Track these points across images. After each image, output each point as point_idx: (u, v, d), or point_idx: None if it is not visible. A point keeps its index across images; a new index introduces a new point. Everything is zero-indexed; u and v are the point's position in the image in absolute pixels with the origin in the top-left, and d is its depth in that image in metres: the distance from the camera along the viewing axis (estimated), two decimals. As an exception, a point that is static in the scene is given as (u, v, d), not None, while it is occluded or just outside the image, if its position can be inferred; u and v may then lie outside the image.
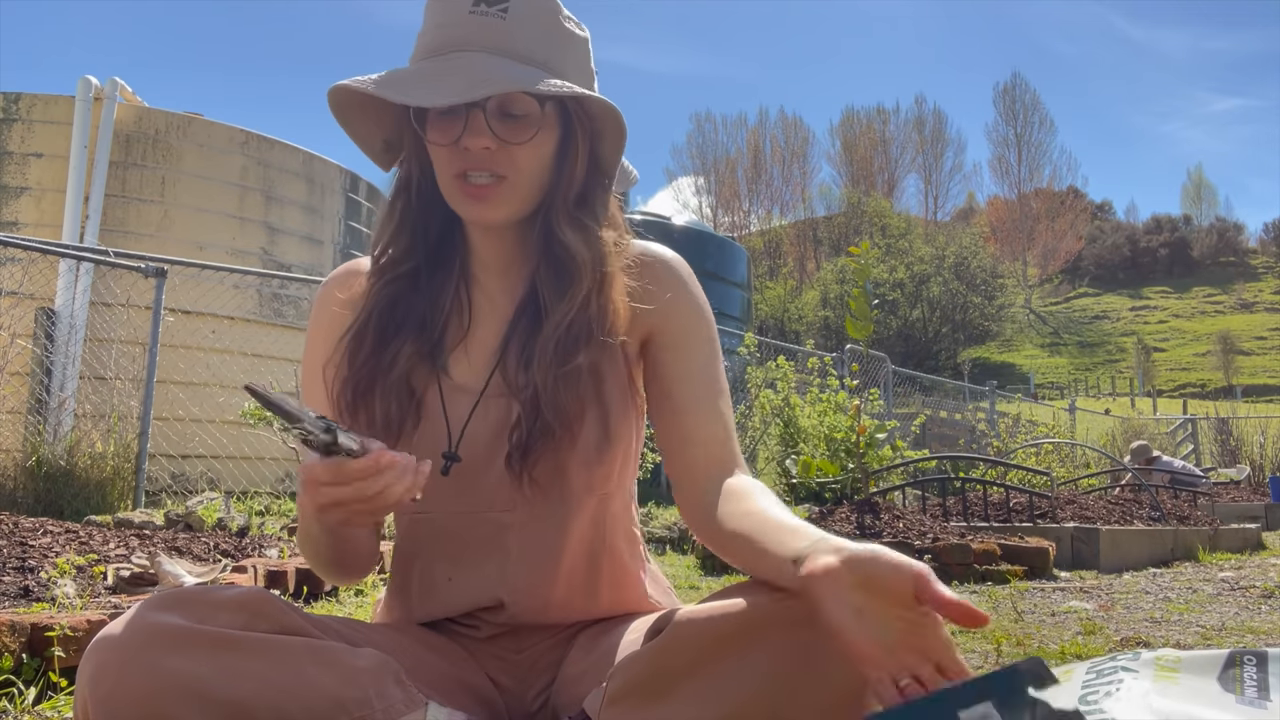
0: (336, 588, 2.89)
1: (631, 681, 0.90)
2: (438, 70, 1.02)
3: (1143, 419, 17.66)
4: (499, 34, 1.04)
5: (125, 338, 6.51)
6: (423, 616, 1.16)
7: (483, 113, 1.04)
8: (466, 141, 1.04)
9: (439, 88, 1.00)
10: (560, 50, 1.08)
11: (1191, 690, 1.00)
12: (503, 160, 1.06)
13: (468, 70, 1.01)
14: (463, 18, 1.04)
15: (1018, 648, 2.39)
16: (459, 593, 1.14)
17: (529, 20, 1.06)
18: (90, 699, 0.83)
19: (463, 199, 1.08)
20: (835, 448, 7.32)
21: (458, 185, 1.08)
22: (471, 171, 1.06)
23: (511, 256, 1.18)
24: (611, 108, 1.08)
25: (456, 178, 1.07)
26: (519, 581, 1.13)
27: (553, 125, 1.09)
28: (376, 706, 0.90)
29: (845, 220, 63.60)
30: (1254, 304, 68.31)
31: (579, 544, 1.14)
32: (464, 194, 1.08)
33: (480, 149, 1.05)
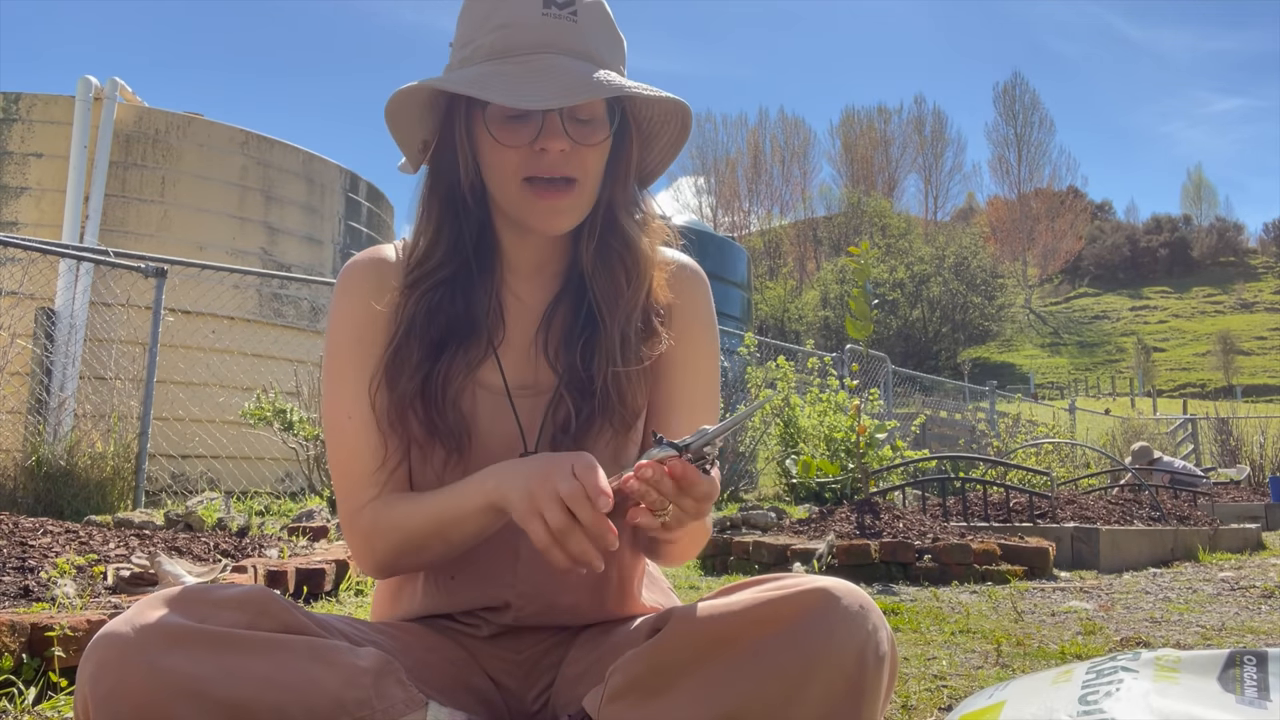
0: (336, 588, 2.89)
1: (630, 679, 0.90)
2: (526, 72, 1.02)
3: (1143, 419, 17.66)
4: (574, 36, 1.04)
5: (125, 338, 6.51)
6: (424, 611, 1.16)
7: (559, 116, 1.04)
8: (544, 143, 1.04)
9: (547, 88, 0.99)
10: (617, 52, 1.10)
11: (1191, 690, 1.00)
12: (575, 163, 1.06)
13: (560, 74, 1.01)
14: (535, 20, 1.04)
15: (1017, 647, 2.39)
16: (464, 591, 1.14)
17: (596, 22, 1.07)
18: (91, 697, 0.83)
19: (533, 203, 1.07)
20: (835, 448, 7.32)
21: (527, 189, 1.06)
22: (543, 175, 1.05)
23: (544, 259, 1.18)
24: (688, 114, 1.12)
25: (526, 181, 1.06)
26: (527, 584, 1.13)
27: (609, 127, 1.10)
28: (377, 706, 0.90)
29: (845, 220, 63.61)
30: (1254, 304, 68.31)
31: None
32: (536, 197, 1.07)
33: (558, 151, 1.04)
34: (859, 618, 0.88)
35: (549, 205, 1.06)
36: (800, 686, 0.85)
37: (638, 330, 1.14)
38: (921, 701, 1.83)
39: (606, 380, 1.11)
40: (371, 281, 1.15)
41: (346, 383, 1.13)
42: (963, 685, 1.96)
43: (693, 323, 1.20)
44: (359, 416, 1.12)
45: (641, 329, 1.15)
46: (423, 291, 1.12)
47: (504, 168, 1.07)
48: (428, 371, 1.10)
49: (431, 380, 1.10)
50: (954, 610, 3.02)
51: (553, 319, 1.17)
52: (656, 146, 1.17)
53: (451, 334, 1.12)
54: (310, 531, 3.77)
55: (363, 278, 1.16)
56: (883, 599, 3.26)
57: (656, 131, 1.15)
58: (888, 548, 3.83)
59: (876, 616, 0.89)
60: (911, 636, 2.54)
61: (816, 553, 3.71)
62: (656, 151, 1.17)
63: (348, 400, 1.12)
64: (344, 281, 1.17)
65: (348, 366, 1.13)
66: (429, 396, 1.10)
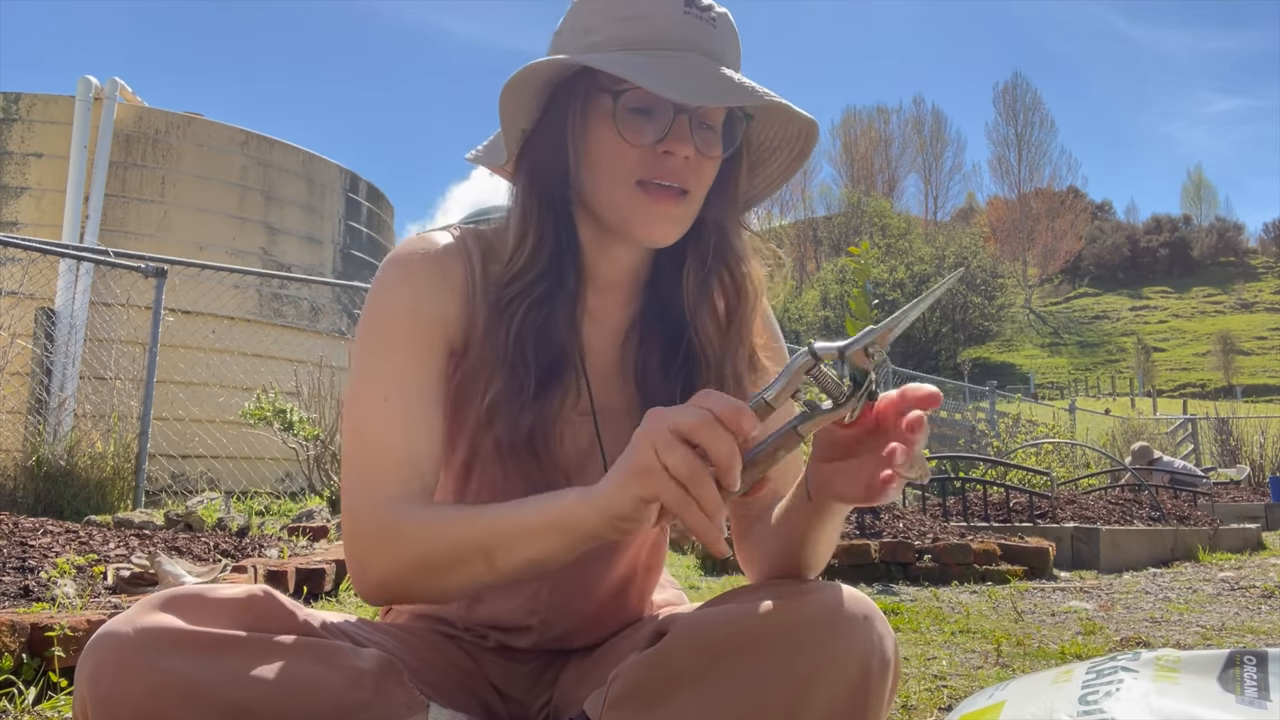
0: (336, 588, 2.89)
1: (632, 686, 0.90)
2: (677, 67, 0.96)
3: (1143, 419, 17.66)
4: (714, 41, 1.00)
5: (125, 338, 6.51)
6: (433, 614, 1.16)
7: (689, 119, 0.98)
8: (671, 145, 0.97)
9: (700, 85, 0.95)
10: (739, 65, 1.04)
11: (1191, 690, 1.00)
12: (694, 172, 1.00)
13: (715, 73, 0.97)
14: (678, 17, 0.98)
15: (1018, 647, 2.39)
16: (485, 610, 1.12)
17: (730, 34, 1.03)
18: (90, 698, 0.82)
19: (644, 207, 1.00)
20: (835, 448, 7.32)
21: (640, 192, 0.99)
22: (660, 180, 0.99)
23: (625, 277, 1.11)
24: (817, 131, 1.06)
25: (639, 184, 0.99)
26: (552, 610, 1.12)
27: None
28: (378, 708, 0.89)
29: (845, 220, 63.62)
30: (1254, 304, 68.31)
31: (618, 571, 1.14)
32: (649, 201, 0.99)
33: (682, 156, 0.98)
34: (864, 625, 0.87)
35: (662, 211, 0.99)
36: (805, 695, 0.85)
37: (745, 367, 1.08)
38: (921, 701, 1.83)
39: None
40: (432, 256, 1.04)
41: (392, 362, 0.99)
42: (963, 685, 1.96)
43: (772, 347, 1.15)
44: (399, 400, 0.98)
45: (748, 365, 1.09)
46: (526, 309, 1.02)
47: (618, 167, 0.99)
48: (539, 412, 1.01)
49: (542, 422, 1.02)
50: (954, 610, 3.02)
51: (640, 342, 1.10)
52: (761, 174, 1.11)
53: (556, 367, 1.04)
54: (310, 531, 3.77)
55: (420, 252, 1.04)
56: (883, 599, 3.26)
57: (765, 158, 1.10)
58: (888, 548, 3.83)
59: (880, 623, 0.89)
60: (911, 636, 2.54)
61: (816, 553, 3.71)
62: (761, 179, 1.12)
63: (388, 380, 0.99)
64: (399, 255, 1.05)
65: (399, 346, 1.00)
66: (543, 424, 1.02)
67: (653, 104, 0.98)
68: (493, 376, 1.01)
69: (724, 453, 0.76)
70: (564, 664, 1.15)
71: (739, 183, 1.07)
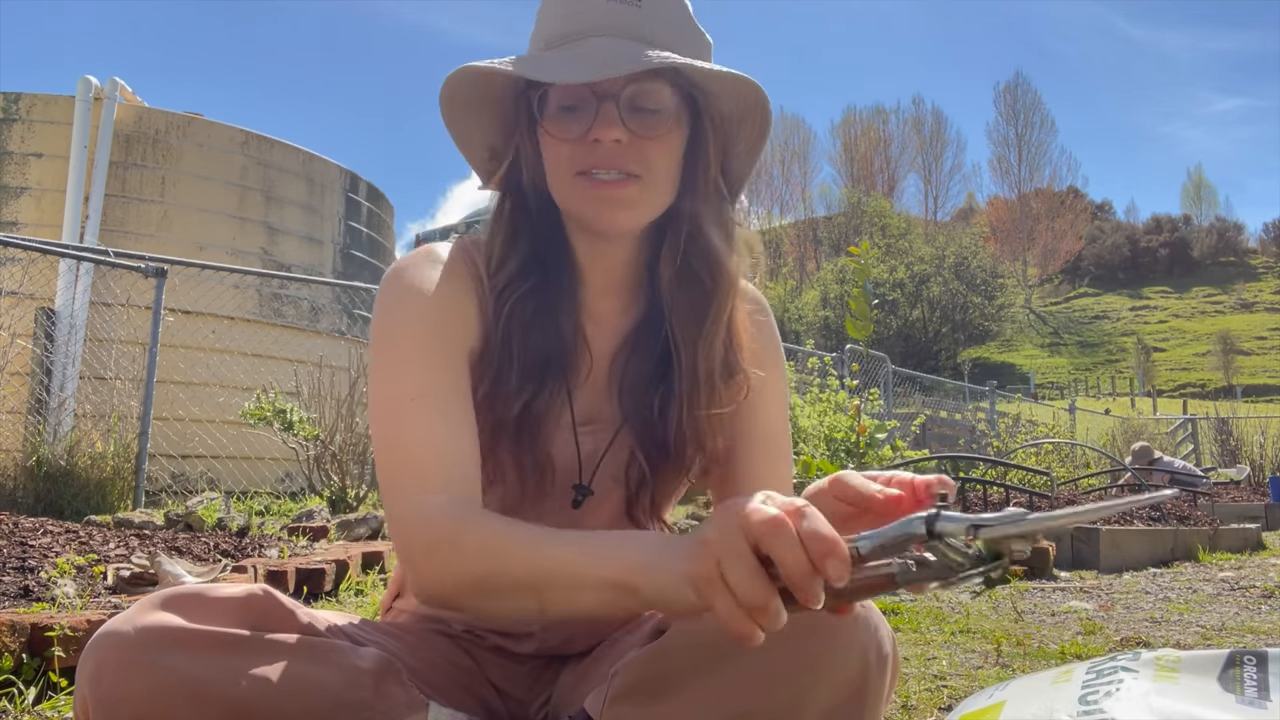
0: (336, 588, 2.89)
1: (633, 682, 0.90)
2: (574, 54, 0.96)
3: (1143, 419, 17.66)
4: (634, 21, 0.98)
5: (125, 338, 6.51)
6: (433, 614, 1.16)
7: (615, 104, 0.96)
8: (597, 132, 0.96)
9: (580, 66, 0.93)
10: (693, 43, 1.01)
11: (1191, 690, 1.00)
12: (634, 156, 0.97)
13: (607, 50, 0.95)
14: (598, 5, 0.98)
15: (1017, 647, 2.39)
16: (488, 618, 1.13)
17: (664, 9, 1.00)
18: (90, 698, 0.82)
19: (589, 198, 0.98)
20: (835, 448, 7.31)
21: (583, 184, 0.98)
22: (599, 169, 0.97)
23: (621, 278, 1.09)
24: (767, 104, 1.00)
25: (580, 175, 0.98)
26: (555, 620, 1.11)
27: (682, 125, 1.01)
28: (378, 707, 0.89)
29: (845, 220, 63.61)
30: (1254, 304, 68.30)
31: None
32: (591, 191, 0.98)
33: (611, 141, 0.96)
34: (862, 621, 0.87)
35: (607, 195, 0.97)
36: (805, 690, 0.85)
37: (719, 368, 1.04)
38: (921, 701, 1.83)
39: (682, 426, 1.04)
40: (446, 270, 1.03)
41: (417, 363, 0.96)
42: (963, 685, 1.96)
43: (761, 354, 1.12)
44: (432, 399, 0.94)
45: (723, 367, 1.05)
46: (514, 301, 1.03)
47: (559, 162, 0.99)
48: (529, 400, 1.01)
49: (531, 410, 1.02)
50: (954, 610, 3.02)
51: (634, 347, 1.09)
52: (736, 151, 1.06)
53: (549, 359, 1.04)
54: (310, 531, 3.77)
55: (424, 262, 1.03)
56: (882, 599, 3.26)
57: (735, 133, 1.05)
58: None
59: (879, 619, 0.89)
60: (911, 636, 2.54)
61: (816, 553, 3.71)
62: (737, 157, 1.07)
63: (416, 381, 0.95)
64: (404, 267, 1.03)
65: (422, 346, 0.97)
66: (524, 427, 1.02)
67: (576, 97, 0.98)
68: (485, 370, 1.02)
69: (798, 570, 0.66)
70: (563, 663, 1.15)
71: (708, 163, 1.03)
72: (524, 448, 1.03)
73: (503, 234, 1.05)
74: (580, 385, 1.08)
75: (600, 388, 1.09)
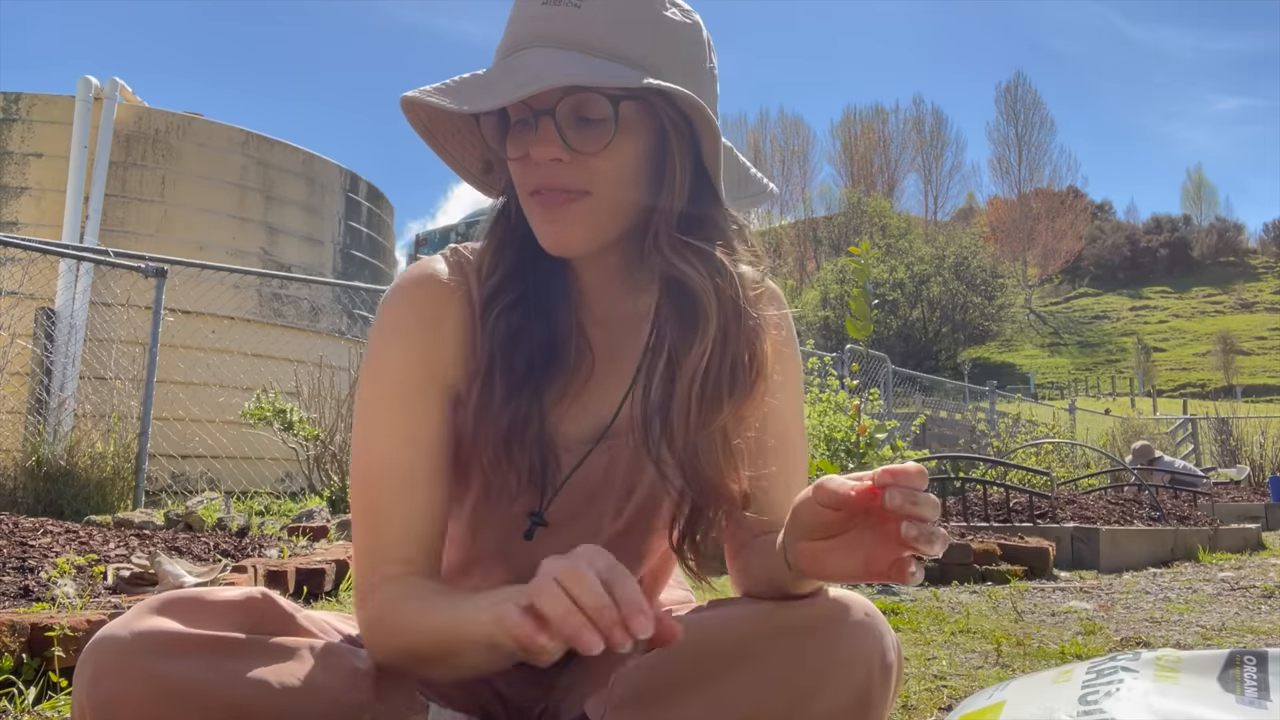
0: (336, 588, 2.89)
1: (636, 689, 0.89)
2: (499, 73, 0.91)
3: (1143, 419, 17.67)
4: (571, 26, 0.90)
5: (125, 338, 6.51)
6: None
7: (552, 119, 0.90)
8: (533, 151, 0.91)
9: (489, 91, 0.89)
10: (651, 42, 0.92)
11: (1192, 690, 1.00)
12: (578, 174, 0.91)
13: (525, 69, 0.88)
14: (536, 11, 0.92)
15: (1018, 647, 2.39)
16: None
17: (609, 8, 0.91)
18: (88, 703, 0.82)
19: (538, 219, 0.94)
20: (835, 448, 7.31)
21: (534, 204, 0.94)
22: (544, 188, 0.92)
23: (620, 286, 1.03)
24: (695, 103, 0.90)
25: (531, 195, 0.94)
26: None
27: (639, 132, 0.93)
28: (378, 709, 0.89)
29: (845, 220, 63.60)
30: (1254, 304, 68.29)
31: None
32: (540, 213, 0.94)
33: (548, 160, 0.91)
34: (867, 628, 0.87)
35: (551, 217, 0.93)
36: (809, 698, 0.85)
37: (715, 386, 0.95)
38: (921, 701, 1.83)
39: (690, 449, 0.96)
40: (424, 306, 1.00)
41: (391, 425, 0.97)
42: (963, 685, 1.96)
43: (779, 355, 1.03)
44: (401, 467, 0.96)
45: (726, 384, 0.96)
46: (499, 312, 0.99)
47: (517, 181, 0.95)
48: (515, 408, 0.97)
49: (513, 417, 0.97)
50: (954, 610, 3.02)
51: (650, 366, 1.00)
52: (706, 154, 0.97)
53: (537, 364, 0.99)
54: (310, 531, 3.77)
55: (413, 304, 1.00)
56: (883, 599, 3.26)
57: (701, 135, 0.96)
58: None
59: (883, 625, 0.89)
60: (911, 636, 2.54)
61: (816, 553, 3.71)
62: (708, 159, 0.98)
63: (388, 445, 0.96)
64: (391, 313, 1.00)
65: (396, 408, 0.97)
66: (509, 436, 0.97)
67: (520, 114, 0.93)
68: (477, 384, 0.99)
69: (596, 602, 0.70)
70: (563, 663, 1.14)
71: (675, 169, 0.94)
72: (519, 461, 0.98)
73: (491, 246, 1.02)
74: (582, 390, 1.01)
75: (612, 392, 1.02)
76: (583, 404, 1.02)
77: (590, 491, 1.03)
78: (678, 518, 1.01)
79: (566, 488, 1.01)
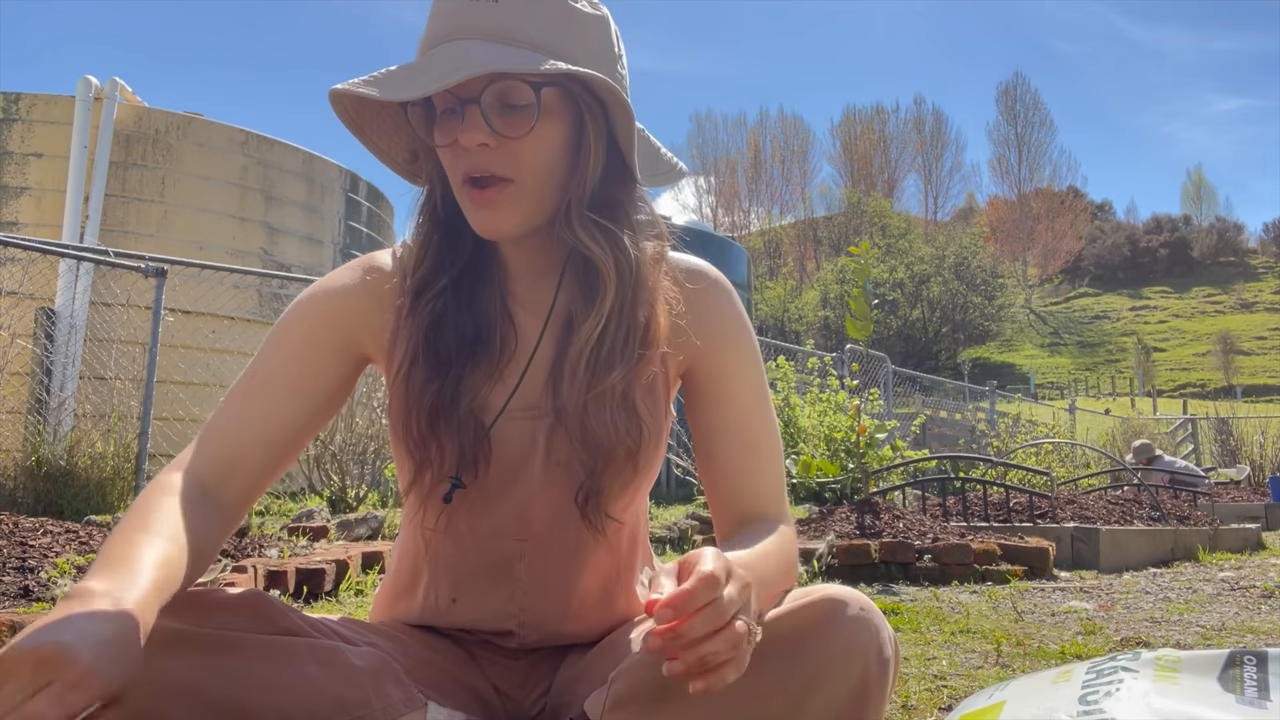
0: (336, 588, 2.89)
1: (633, 688, 0.90)
2: (424, 64, 0.95)
3: (1143, 419, 17.66)
4: (491, 18, 0.94)
5: (125, 338, 6.51)
6: (421, 622, 1.15)
7: (478, 106, 0.94)
8: (461, 138, 0.95)
9: (418, 80, 0.92)
10: (565, 32, 0.97)
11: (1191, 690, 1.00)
12: (504, 159, 0.96)
13: (449, 59, 0.92)
14: (458, 5, 0.96)
15: (1018, 647, 2.39)
16: (465, 616, 1.11)
17: (523, 2, 0.96)
18: (89, 700, 0.82)
19: (469, 206, 0.99)
20: (835, 448, 7.32)
21: (464, 192, 0.99)
22: (473, 173, 0.97)
23: (541, 264, 1.08)
24: (611, 87, 0.95)
25: (463, 183, 0.98)
26: (530, 614, 1.09)
27: (559, 117, 0.98)
28: (376, 706, 0.89)
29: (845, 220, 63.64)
30: (1254, 304, 68.30)
31: (594, 572, 1.11)
32: (471, 200, 0.99)
33: (476, 146, 0.95)
34: (864, 625, 0.88)
35: (481, 201, 0.98)
36: (805, 694, 0.85)
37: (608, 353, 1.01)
38: (921, 701, 1.83)
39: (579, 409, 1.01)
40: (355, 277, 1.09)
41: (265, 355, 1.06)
42: (963, 685, 1.96)
43: (719, 335, 1.09)
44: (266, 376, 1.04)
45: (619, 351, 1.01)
46: (425, 301, 1.04)
47: (448, 168, 1.00)
48: (436, 389, 1.02)
49: (438, 397, 1.02)
50: (954, 610, 3.02)
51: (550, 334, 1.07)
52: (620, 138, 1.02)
53: (460, 348, 1.04)
54: (310, 531, 3.77)
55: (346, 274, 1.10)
56: (883, 599, 3.26)
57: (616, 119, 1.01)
58: (888, 548, 3.83)
59: (880, 622, 0.89)
60: (911, 636, 2.54)
61: (816, 553, 3.71)
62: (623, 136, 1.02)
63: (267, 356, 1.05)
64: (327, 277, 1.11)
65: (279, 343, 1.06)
66: (435, 415, 1.02)
67: (447, 102, 0.97)
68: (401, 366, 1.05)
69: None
70: (560, 659, 1.15)
71: (589, 155, 1.00)
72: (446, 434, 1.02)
73: (419, 238, 1.07)
74: (507, 367, 1.06)
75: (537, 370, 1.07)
76: (506, 382, 1.06)
77: (517, 460, 1.05)
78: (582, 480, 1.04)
79: (496, 459, 1.05)
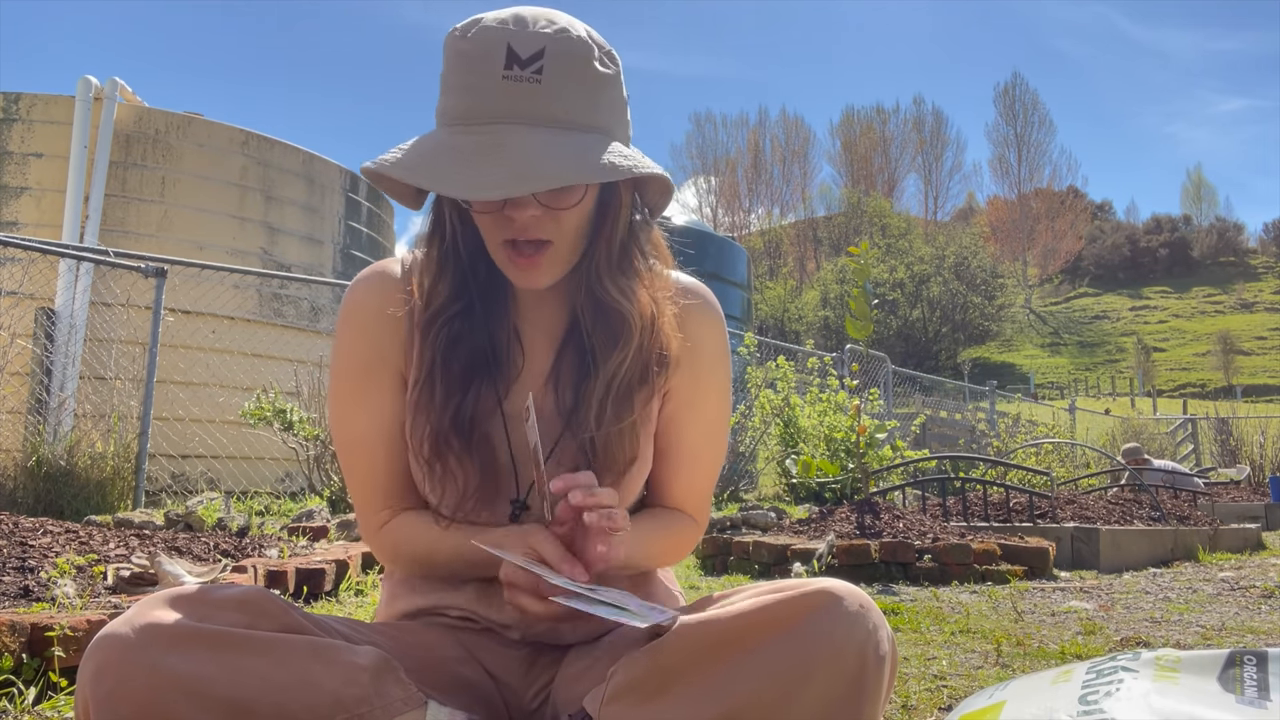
0: (336, 588, 2.89)
1: (631, 680, 0.91)
2: (477, 149, 0.97)
3: (1143, 419, 17.66)
4: (535, 101, 0.98)
5: (125, 338, 6.51)
6: (426, 606, 1.18)
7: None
8: (512, 212, 1.03)
9: (482, 174, 0.95)
10: (595, 101, 1.02)
11: (1191, 690, 1.00)
12: (549, 225, 1.05)
13: (510, 155, 0.96)
14: (495, 84, 0.98)
15: (1018, 647, 2.39)
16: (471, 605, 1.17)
17: (564, 78, 0.99)
18: (91, 698, 0.83)
19: (511, 268, 1.08)
20: (835, 447, 7.32)
21: (505, 253, 1.07)
22: (518, 239, 1.05)
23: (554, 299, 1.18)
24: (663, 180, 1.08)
25: (504, 245, 1.07)
26: None
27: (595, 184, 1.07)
28: (376, 704, 0.90)
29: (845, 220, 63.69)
30: (1254, 304, 68.32)
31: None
32: (512, 263, 1.07)
33: (528, 218, 1.03)
34: (860, 618, 0.89)
35: (524, 263, 1.07)
36: (801, 686, 0.86)
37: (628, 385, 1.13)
38: (921, 701, 1.83)
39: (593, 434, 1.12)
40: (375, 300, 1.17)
41: (356, 408, 1.17)
42: (963, 685, 1.96)
43: (698, 361, 1.19)
44: (370, 441, 1.17)
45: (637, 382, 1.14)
46: (441, 324, 1.13)
47: (485, 230, 1.08)
48: (457, 404, 1.11)
49: (462, 414, 1.11)
50: (954, 610, 3.02)
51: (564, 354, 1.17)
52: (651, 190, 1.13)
53: (476, 365, 1.13)
54: (310, 531, 3.77)
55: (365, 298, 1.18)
56: (883, 599, 3.26)
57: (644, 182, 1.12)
58: (888, 548, 3.83)
59: (877, 616, 0.90)
60: (911, 636, 2.54)
61: (816, 553, 3.71)
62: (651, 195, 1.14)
63: (353, 425, 1.17)
64: (348, 305, 1.18)
65: (357, 393, 1.17)
66: (460, 430, 1.11)
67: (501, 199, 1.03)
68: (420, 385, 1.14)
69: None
70: (561, 654, 1.16)
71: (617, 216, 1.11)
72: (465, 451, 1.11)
73: (433, 266, 1.14)
74: (516, 381, 1.16)
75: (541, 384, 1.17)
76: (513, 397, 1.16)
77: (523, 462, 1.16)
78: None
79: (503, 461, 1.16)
